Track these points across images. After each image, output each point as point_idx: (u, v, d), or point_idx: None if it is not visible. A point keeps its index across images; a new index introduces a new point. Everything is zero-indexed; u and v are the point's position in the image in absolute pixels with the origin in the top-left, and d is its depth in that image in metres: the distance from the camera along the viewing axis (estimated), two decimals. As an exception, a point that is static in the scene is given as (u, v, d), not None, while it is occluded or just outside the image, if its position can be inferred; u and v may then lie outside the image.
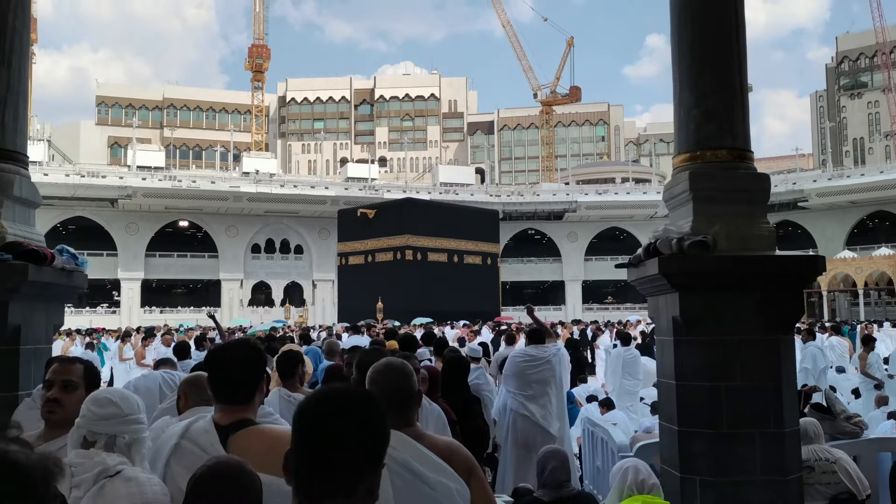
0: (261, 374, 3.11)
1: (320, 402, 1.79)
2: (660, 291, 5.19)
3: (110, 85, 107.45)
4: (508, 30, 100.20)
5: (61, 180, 59.54)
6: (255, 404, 3.06)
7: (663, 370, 5.21)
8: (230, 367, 3.01)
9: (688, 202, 5.14)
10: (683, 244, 4.76)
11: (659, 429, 5.38)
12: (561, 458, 4.66)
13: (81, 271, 5.48)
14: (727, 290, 4.81)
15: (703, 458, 4.71)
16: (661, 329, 5.30)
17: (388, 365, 3.14)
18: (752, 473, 4.61)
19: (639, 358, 13.19)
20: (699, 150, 5.13)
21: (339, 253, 52.93)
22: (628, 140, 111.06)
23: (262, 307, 67.73)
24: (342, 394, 1.83)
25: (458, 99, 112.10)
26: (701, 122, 5.13)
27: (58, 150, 79.96)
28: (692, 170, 5.11)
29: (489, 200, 67.20)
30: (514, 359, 8.06)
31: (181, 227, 68.32)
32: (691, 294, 4.85)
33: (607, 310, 70.40)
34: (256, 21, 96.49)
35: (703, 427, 4.74)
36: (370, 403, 1.82)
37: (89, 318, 57.34)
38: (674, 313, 4.92)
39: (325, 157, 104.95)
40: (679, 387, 4.88)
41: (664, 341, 5.20)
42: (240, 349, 3.11)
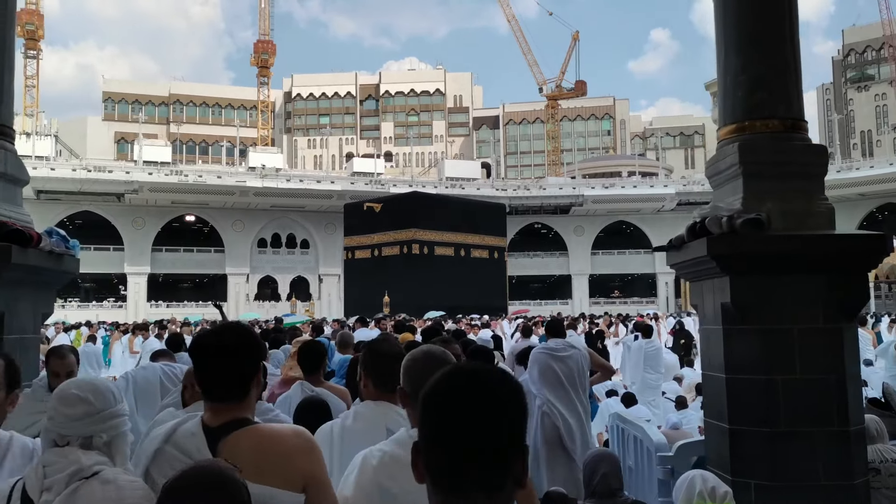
0: (257, 365, 2.66)
1: (454, 384, 1.53)
2: (706, 276, 4.73)
3: (117, 81, 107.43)
4: (513, 24, 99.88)
5: (68, 175, 59.56)
6: (250, 401, 2.63)
7: (710, 363, 4.72)
8: (219, 356, 2.57)
9: (736, 177, 4.68)
10: (735, 223, 4.30)
11: (705, 427, 4.90)
12: (612, 462, 4.23)
13: (72, 255, 5.00)
14: (785, 273, 4.34)
15: (758, 460, 4.24)
16: (706, 318, 4.81)
17: (427, 354, 2.81)
18: (813, 477, 4.15)
19: (661, 350, 12.78)
20: (748, 120, 4.67)
21: (346, 247, 52.68)
22: (634, 134, 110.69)
23: (268, 302, 67.52)
24: (478, 372, 1.55)
25: (463, 94, 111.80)
26: (750, 90, 4.66)
27: (65, 146, 79.89)
28: (741, 141, 4.64)
29: (495, 195, 66.79)
30: (538, 352, 7.49)
31: (187, 222, 68.17)
32: (744, 278, 4.39)
33: (614, 304, 70.14)
34: (262, 17, 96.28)
35: (758, 425, 4.26)
36: (508, 380, 1.55)
37: (96, 313, 57.38)
38: (723, 299, 4.46)
39: (331, 153, 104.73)
40: (730, 381, 4.40)
41: (710, 331, 4.72)
42: (230, 334, 2.63)
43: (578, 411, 7.06)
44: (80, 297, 68.87)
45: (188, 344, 8.60)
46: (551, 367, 7.23)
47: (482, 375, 1.53)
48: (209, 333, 2.69)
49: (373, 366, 3.49)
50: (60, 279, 5.23)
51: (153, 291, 66.22)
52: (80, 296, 69.21)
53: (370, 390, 3.48)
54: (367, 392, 3.51)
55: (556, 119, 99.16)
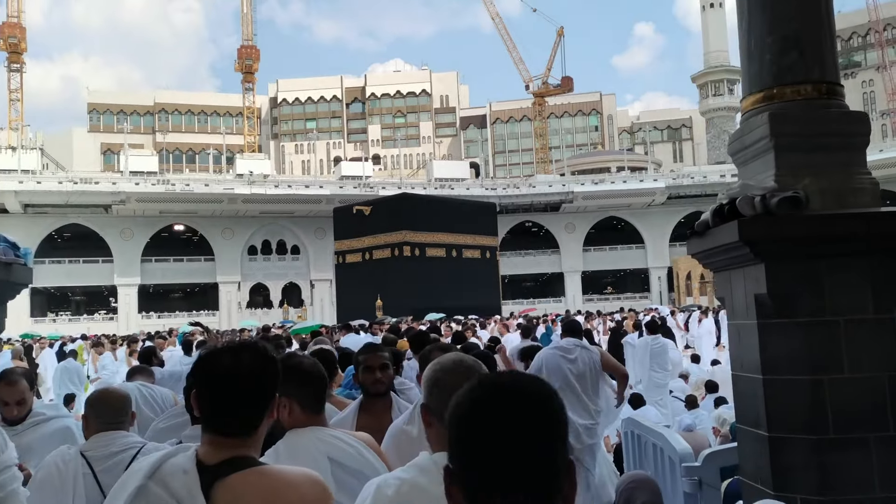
0: (272, 393, 2.26)
1: (496, 399, 1.37)
2: (735, 264, 4.17)
3: (101, 92, 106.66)
4: (498, 22, 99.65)
5: (54, 188, 59.23)
6: (258, 436, 2.24)
7: (742, 362, 4.18)
8: (234, 381, 2.18)
9: (766, 152, 4.15)
10: (770, 202, 3.77)
11: (737, 435, 4.35)
12: (652, 488, 3.71)
13: (22, 264, 4.47)
14: (828, 257, 3.82)
15: (803, 472, 3.70)
16: (736, 311, 4.27)
17: (459, 364, 2.45)
18: (867, 489, 3.60)
19: (667, 347, 12.21)
20: (777, 85, 4.14)
21: (336, 251, 52.27)
22: (621, 129, 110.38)
23: (260, 309, 67.21)
24: (522, 385, 1.40)
25: (449, 94, 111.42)
26: (780, 51, 4.14)
27: (51, 159, 79.28)
28: (772, 111, 4.09)
29: (485, 194, 66.47)
30: (549, 351, 7.06)
31: (176, 232, 67.80)
32: (782, 265, 3.83)
33: (607, 300, 69.95)
34: (244, 23, 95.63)
35: (803, 432, 3.71)
36: (552, 392, 1.41)
37: (87, 326, 56.90)
38: (757, 290, 3.92)
39: (319, 157, 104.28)
40: (768, 382, 3.86)
41: (741, 326, 4.17)
42: (249, 356, 2.23)
43: (590, 412, 6.66)
44: (71, 310, 68.45)
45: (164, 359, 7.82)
46: (560, 368, 6.83)
47: (526, 387, 1.39)
48: (225, 352, 2.28)
49: (297, 385, 3.10)
50: (10, 291, 4.58)
51: (144, 302, 65.87)
52: (71, 309, 68.79)
53: (296, 415, 3.11)
54: (292, 418, 3.10)
55: (543, 116, 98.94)
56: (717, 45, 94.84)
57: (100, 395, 3.75)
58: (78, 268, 63.96)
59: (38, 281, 61.03)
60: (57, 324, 59.92)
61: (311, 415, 3.12)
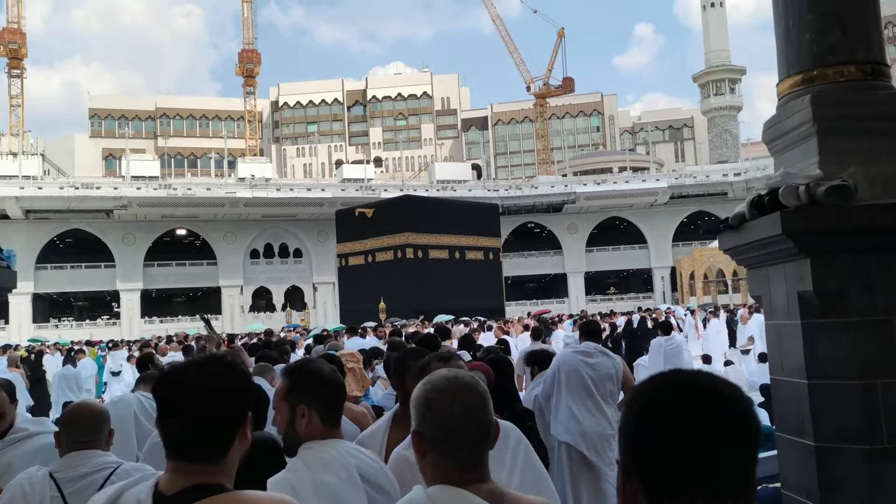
0: (243, 412, 2.00)
1: (692, 392, 1.29)
2: (775, 259, 3.87)
3: (102, 97, 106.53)
4: (498, 24, 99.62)
5: (56, 193, 59.17)
6: (229, 461, 1.97)
7: (783, 366, 3.87)
8: (197, 399, 1.93)
9: (808, 137, 3.86)
10: (816, 192, 3.48)
11: (778, 444, 4.00)
12: None
13: (7, 267, 4.21)
14: (879, 251, 3.51)
15: (854, 485, 3.40)
16: (775, 311, 3.97)
17: (454, 381, 2.11)
18: None
19: (682, 348, 11.87)
20: (818, 67, 3.87)
21: (339, 254, 52.09)
22: (623, 129, 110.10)
23: (263, 313, 67.01)
24: (716, 385, 1.31)
25: (450, 96, 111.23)
26: (820, 30, 3.86)
27: (52, 164, 79.19)
28: (814, 93, 3.81)
29: (487, 195, 66.24)
30: (569, 354, 6.54)
31: (178, 236, 67.63)
32: (829, 259, 3.55)
33: (611, 300, 69.70)
34: (245, 27, 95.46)
35: (853, 442, 3.41)
36: (743, 394, 1.31)
37: (90, 331, 56.86)
38: (801, 288, 3.63)
39: (321, 160, 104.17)
40: (814, 388, 3.57)
41: (782, 327, 3.87)
42: (215, 370, 1.98)
43: (610, 421, 6.30)
44: (73, 316, 68.32)
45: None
46: (578, 372, 6.36)
47: (720, 389, 1.30)
48: (187, 367, 2.03)
49: (316, 393, 2.85)
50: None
51: (147, 307, 65.67)
52: (74, 315, 68.67)
53: (315, 426, 2.82)
54: (309, 429, 2.82)
55: (544, 117, 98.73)
56: (718, 45, 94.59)
57: (72, 411, 3.47)
58: (80, 273, 63.82)
59: (40, 287, 60.97)
60: (59, 330, 59.81)
61: (329, 427, 2.86)
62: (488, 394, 2.12)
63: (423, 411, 2.05)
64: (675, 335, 12.53)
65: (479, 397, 2.08)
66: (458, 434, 1.99)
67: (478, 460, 2.03)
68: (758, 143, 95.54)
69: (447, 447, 1.99)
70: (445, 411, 2.01)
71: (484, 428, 2.04)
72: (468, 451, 2.01)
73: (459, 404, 2.03)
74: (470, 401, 2.04)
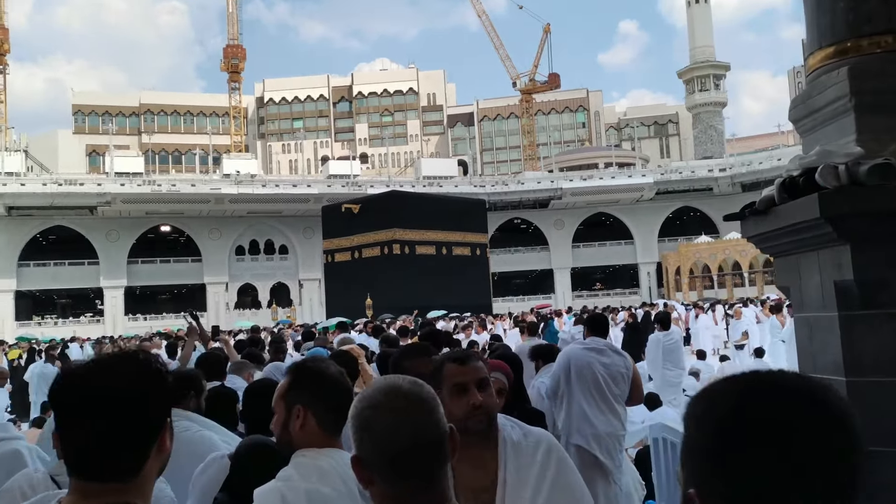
0: (160, 418, 1.70)
1: (798, 399, 1.11)
2: (808, 246, 3.62)
3: (86, 93, 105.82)
4: (484, 20, 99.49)
5: (39, 189, 58.72)
6: (143, 478, 1.67)
7: (815, 361, 3.62)
8: (97, 406, 1.62)
9: (844, 114, 3.61)
10: (859, 171, 3.21)
11: None
12: None
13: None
14: None
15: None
16: (807, 302, 3.70)
17: (392, 394, 1.78)
18: None
19: (680, 344, 11.71)
20: (853, 37, 3.63)
21: (325, 250, 51.85)
22: (608, 125, 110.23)
23: (248, 310, 66.69)
24: (813, 388, 1.13)
25: (436, 92, 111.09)
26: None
27: (35, 161, 78.57)
28: (851, 65, 3.58)
29: (473, 191, 66.17)
30: (579, 349, 6.20)
31: (163, 233, 67.21)
32: (871, 245, 3.30)
33: (597, 296, 69.81)
34: (230, 22, 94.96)
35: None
36: (846, 402, 1.14)
37: (73, 329, 56.26)
38: (839, 276, 3.39)
39: (306, 156, 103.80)
40: (852, 385, 3.31)
41: (814, 320, 3.60)
42: (117, 371, 1.67)
43: (622, 420, 6.08)
44: (56, 313, 67.79)
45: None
46: (591, 369, 6.02)
47: (820, 394, 1.13)
48: (89, 368, 1.70)
49: (316, 394, 2.56)
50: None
51: (131, 305, 65.20)
52: (57, 312, 68.13)
53: (311, 431, 2.51)
54: (304, 433, 2.52)
55: (530, 113, 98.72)
56: (703, 41, 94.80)
57: None
58: (63, 270, 63.33)
59: (22, 284, 60.51)
60: (42, 327, 59.36)
61: (328, 435, 2.52)
62: (436, 400, 1.81)
63: (359, 433, 1.75)
64: (674, 330, 12.40)
65: (423, 407, 1.76)
66: (404, 454, 1.69)
67: (433, 482, 1.72)
68: (743, 138, 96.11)
69: (393, 471, 1.68)
70: (383, 430, 1.71)
71: (434, 444, 1.73)
72: (418, 474, 1.70)
73: (399, 419, 1.72)
74: (411, 414, 1.73)
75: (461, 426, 2.53)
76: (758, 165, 67.03)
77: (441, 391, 2.69)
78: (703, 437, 1.12)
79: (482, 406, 2.74)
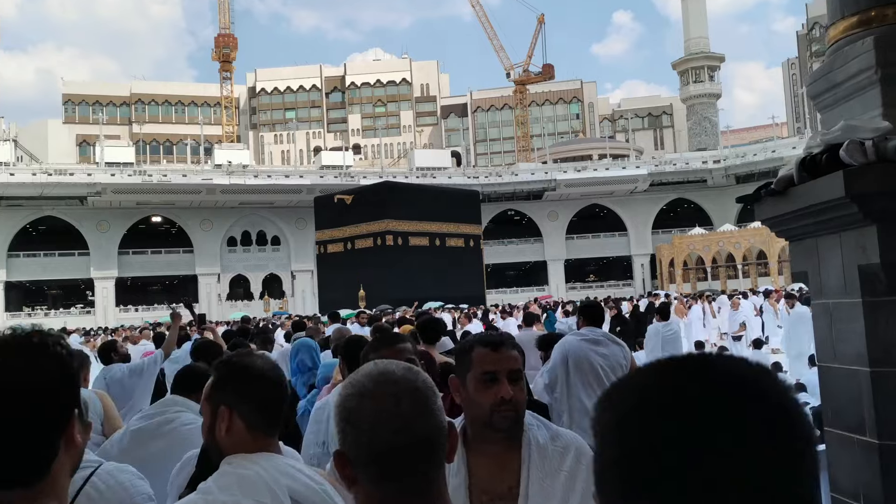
0: (66, 413, 1.43)
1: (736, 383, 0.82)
2: (829, 228, 3.36)
3: (77, 83, 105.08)
4: (478, 10, 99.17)
5: (28, 179, 58.30)
6: (54, 478, 1.40)
7: (835, 350, 3.37)
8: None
9: (869, 87, 3.37)
10: (887, 147, 2.93)
11: (827, 441, 3.48)
12: None
13: None
14: None
15: None
16: (826, 288, 3.46)
17: (382, 377, 1.51)
18: None
19: (679, 335, 11.46)
20: (876, 6, 3.39)
21: (318, 241, 51.54)
22: (603, 117, 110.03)
23: (241, 301, 66.35)
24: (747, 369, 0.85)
25: (430, 83, 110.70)
26: None
27: (25, 151, 77.98)
28: (877, 35, 3.33)
29: (467, 182, 65.86)
30: (575, 340, 5.88)
31: (154, 223, 66.79)
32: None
33: (591, 288, 69.66)
34: (222, 11, 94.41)
35: None
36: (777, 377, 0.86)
37: (63, 320, 56.01)
38: (863, 260, 3.13)
39: (299, 147, 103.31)
40: (878, 376, 3.06)
41: (835, 307, 3.38)
42: (6, 356, 1.42)
43: None
44: (47, 304, 67.42)
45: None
46: (589, 360, 5.71)
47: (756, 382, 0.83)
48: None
49: (240, 392, 2.25)
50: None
51: (122, 296, 64.83)
52: (48, 303, 67.76)
53: (238, 434, 2.21)
54: (230, 437, 2.22)
55: (524, 104, 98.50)
56: (698, 32, 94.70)
57: None
58: (53, 261, 62.91)
59: (12, 275, 60.09)
60: (33, 318, 59.02)
61: (260, 436, 2.22)
62: (433, 390, 1.53)
63: (342, 425, 1.49)
64: (674, 321, 12.13)
65: (416, 396, 1.49)
66: (392, 452, 1.43)
67: (425, 485, 1.46)
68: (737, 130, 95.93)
69: (379, 471, 1.43)
70: (370, 422, 1.45)
71: (428, 441, 1.46)
72: (408, 474, 1.44)
73: (389, 411, 1.45)
74: (403, 404, 1.46)
75: (485, 421, 2.42)
76: (752, 157, 66.99)
77: (466, 377, 2.49)
78: (612, 455, 0.84)
79: (512, 400, 2.42)
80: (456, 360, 2.56)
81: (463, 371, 2.50)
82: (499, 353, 2.48)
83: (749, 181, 67.57)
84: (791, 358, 14.13)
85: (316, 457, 3.82)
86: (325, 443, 3.92)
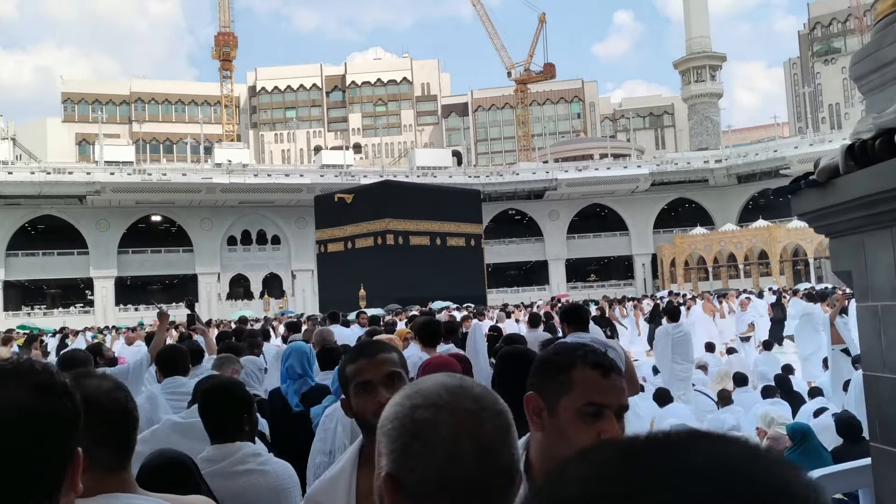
0: (69, 451, 1.23)
1: None
2: (879, 223, 3.02)
3: (76, 81, 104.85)
4: (479, 8, 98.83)
5: (27, 178, 58.05)
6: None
7: (885, 359, 3.06)
8: None
9: None
10: None
11: (874, 456, 3.17)
12: None
13: None
14: None
15: None
16: (873, 289, 3.14)
17: (460, 392, 1.22)
18: None
19: (690, 336, 11.08)
20: None
21: (318, 240, 51.26)
22: (604, 116, 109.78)
23: (241, 300, 66.13)
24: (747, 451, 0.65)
25: (430, 82, 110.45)
26: None
27: (24, 149, 77.71)
28: None
29: (468, 182, 65.57)
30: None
31: (154, 222, 66.57)
32: None
33: (592, 287, 69.42)
34: (222, 10, 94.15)
35: None
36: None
37: (62, 319, 55.69)
38: None
39: (299, 146, 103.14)
40: None
41: (885, 310, 3.07)
42: (14, 387, 1.18)
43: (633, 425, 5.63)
44: (46, 304, 67.20)
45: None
46: None
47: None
48: None
49: (111, 426, 1.89)
50: None
51: (121, 295, 64.61)
52: (47, 303, 67.54)
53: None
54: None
55: (525, 104, 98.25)
56: (699, 31, 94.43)
57: None
58: (52, 260, 62.68)
59: (11, 274, 59.88)
60: (32, 318, 58.76)
61: (102, 474, 1.82)
62: (510, 416, 1.25)
63: (406, 440, 1.19)
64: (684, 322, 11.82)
65: (500, 420, 1.21)
66: (469, 481, 1.14)
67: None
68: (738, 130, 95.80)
69: (446, 502, 1.15)
70: (444, 442, 1.16)
71: (505, 473, 1.18)
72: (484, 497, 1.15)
73: (468, 432, 1.17)
74: (488, 425, 1.19)
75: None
76: (754, 157, 66.82)
77: (558, 403, 1.93)
78: None
79: None
80: (540, 375, 2.01)
81: (554, 393, 1.94)
82: (609, 379, 1.94)
83: (751, 181, 67.43)
84: (802, 360, 13.90)
85: (322, 465, 3.64)
86: (332, 452, 3.77)
